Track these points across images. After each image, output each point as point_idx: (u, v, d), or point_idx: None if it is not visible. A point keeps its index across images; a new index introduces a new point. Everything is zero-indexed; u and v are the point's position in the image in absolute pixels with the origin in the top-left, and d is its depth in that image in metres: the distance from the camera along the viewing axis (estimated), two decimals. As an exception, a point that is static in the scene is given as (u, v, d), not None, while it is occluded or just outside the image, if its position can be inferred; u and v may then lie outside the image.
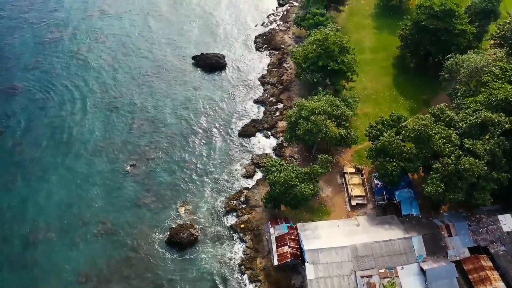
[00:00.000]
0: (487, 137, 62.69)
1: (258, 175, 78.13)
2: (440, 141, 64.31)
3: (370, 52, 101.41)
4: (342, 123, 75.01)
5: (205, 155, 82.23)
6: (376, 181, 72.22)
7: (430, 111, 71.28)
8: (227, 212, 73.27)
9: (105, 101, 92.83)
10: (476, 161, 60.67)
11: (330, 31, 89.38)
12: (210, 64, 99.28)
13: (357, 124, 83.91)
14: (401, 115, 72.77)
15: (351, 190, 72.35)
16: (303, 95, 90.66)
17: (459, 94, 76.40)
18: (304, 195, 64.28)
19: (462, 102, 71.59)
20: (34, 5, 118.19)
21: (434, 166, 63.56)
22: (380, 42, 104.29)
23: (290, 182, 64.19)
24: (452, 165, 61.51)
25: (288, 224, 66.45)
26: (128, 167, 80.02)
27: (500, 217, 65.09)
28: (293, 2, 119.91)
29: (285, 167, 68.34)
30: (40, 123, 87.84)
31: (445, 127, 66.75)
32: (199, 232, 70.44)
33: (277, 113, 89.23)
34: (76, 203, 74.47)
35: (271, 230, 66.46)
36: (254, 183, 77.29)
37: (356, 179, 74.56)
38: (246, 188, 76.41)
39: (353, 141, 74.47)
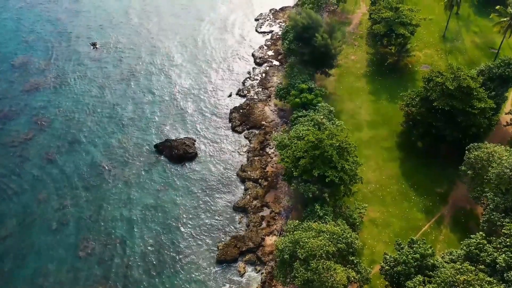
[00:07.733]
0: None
1: (244, 325, 60.51)
2: (487, 302, 47.92)
3: (368, 128, 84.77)
4: (350, 257, 57.96)
5: (174, 296, 63.93)
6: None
7: (464, 247, 54.84)
8: None
9: (45, 215, 73.17)
10: None
11: (322, 117, 72.64)
12: (177, 155, 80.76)
13: (363, 235, 67.26)
14: (426, 251, 55.74)
15: None
16: (293, 201, 73.56)
17: (491, 206, 60.49)
18: None
19: (503, 229, 55.35)
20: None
21: None
22: (379, 112, 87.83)
23: None
24: None
25: None
26: (74, 320, 61.27)
27: None
28: (272, 61, 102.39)
29: None
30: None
31: (487, 276, 50.46)
32: None
33: (263, 224, 71.44)
34: None
35: None
36: None
37: (372, 331, 57.69)
38: None
39: (365, 281, 57.50)
